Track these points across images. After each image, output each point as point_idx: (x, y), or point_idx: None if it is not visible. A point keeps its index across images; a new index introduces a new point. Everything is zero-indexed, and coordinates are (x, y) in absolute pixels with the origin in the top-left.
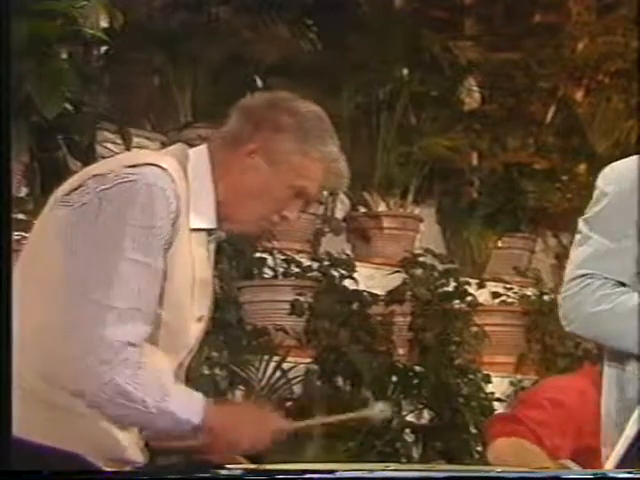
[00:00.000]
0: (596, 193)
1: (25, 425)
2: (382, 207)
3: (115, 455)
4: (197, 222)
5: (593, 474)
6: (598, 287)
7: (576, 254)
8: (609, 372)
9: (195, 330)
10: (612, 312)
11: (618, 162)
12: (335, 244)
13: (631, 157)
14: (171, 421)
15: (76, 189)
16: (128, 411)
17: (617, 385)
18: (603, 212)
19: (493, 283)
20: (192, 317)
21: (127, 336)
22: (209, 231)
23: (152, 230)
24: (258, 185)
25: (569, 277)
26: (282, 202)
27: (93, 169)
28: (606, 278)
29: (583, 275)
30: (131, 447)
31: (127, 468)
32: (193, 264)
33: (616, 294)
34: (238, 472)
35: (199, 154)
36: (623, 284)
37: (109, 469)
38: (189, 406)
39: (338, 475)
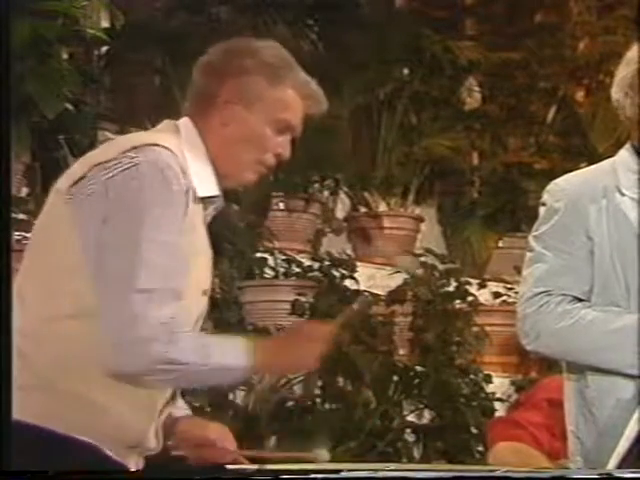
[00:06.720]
0: (544, 210)
1: (40, 414)
2: (383, 207)
3: (134, 442)
4: (203, 190)
5: (599, 474)
6: (557, 304)
7: (530, 272)
8: (570, 386)
9: (200, 304)
10: (575, 328)
11: (561, 178)
12: (336, 244)
13: (572, 172)
14: (221, 372)
15: (79, 180)
16: (180, 376)
17: (579, 399)
18: (555, 228)
19: (494, 283)
20: (198, 290)
21: (161, 314)
22: (207, 201)
23: (165, 207)
24: (242, 131)
25: (526, 296)
26: (270, 140)
27: (92, 157)
28: (563, 294)
29: (541, 293)
30: (150, 433)
31: (142, 455)
32: (198, 237)
33: (576, 309)
34: (244, 472)
35: (186, 125)
36: (579, 299)
37: (119, 459)
38: (233, 353)
39: (343, 475)
